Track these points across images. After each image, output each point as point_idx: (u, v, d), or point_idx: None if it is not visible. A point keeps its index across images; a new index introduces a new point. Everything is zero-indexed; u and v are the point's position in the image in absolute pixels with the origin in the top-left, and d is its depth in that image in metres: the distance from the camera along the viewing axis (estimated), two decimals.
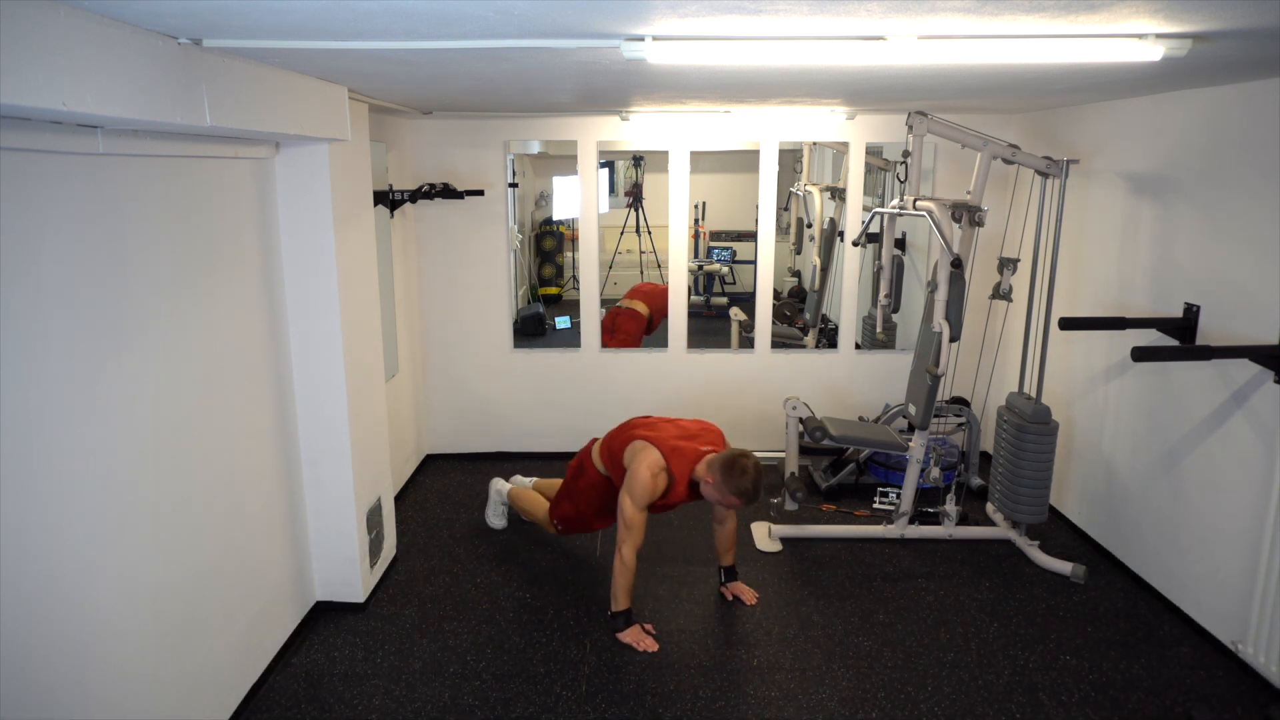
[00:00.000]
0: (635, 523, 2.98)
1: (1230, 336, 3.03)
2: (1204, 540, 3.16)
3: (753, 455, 2.88)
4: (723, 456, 2.89)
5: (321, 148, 2.92)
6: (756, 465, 2.85)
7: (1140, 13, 1.74)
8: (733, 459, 2.85)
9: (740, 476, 2.81)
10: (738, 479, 2.81)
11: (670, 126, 4.64)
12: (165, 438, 2.30)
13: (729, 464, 2.84)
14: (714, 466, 2.89)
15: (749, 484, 2.82)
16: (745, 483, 2.82)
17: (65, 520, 1.92)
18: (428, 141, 4.63)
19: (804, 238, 7.42)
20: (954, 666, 2.99)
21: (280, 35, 1.92)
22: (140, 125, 1.94)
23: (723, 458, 2.88)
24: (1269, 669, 2.82)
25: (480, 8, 1.64)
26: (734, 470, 2.82)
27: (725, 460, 2.86)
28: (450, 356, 4.94)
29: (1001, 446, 3.79)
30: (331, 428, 3.16)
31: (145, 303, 2.20)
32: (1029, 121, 4.49)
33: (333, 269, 3.02)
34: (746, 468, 2.82)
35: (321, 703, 2.79)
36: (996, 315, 4.40)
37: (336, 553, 3.29)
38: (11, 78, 1.40)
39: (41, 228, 1.82)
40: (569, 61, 2.40)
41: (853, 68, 2.57)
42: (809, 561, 3.77)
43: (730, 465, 2.84)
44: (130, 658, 2.17)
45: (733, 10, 1.68)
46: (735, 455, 2.86)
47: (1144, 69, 2.58)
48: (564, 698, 2.81)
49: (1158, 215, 3.44)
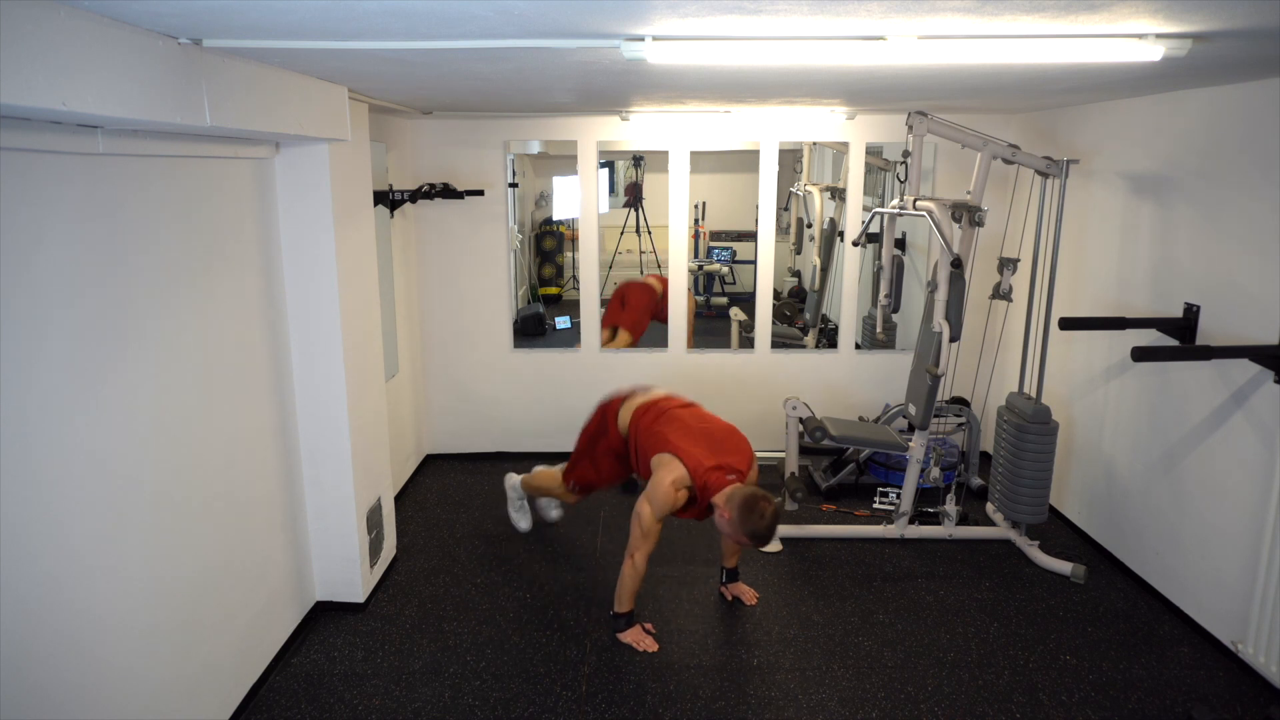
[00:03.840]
0: (653, 532, 2.97)
1: (1230, 336, 3.03)
2: (1204, 540, 3.16)
3: (773, 500, 2.81)
4: (743, 495, 2.81)
5: (321, 148, 2.92)
6: (775, 512, 2.79)
7: (1140, 13, 1.74)
8: (753, 502, 2.78)
9: (758, 521, 2.77)
10: (755, 523, 2.77)
11: (670, 126, 4.64)
12: (165, 437, 2.30)
13: (749, 506, 2.78)
14: (733, 502, 2.82)
15: (764, 529, 2.78)
16: (761, 527, 2.78)
17: (65, 520, 1.92)
18: (428, 141, 4.63)
19: (804, 238, 7.43)
20: (954, 666, 2.99)
21: (280, 35, 1.92)
22: (140, 125, 1.94)
23: (743, 497, 2.81)
24: (1269, 669, 2.82)
25: (480, 8, 1.64)
26: (753, 514, 2.77)
27: (745, 501, 2.79)
28: (450, 356, 4.94)
29: (1001, 446, 3.79)
30: (331, 428, 3.16)
31: (145, 303, 2.20)
32: (1029, 121, 4.49)
33: (333, 269, 3.02)
34: (765, 513, 2.76)
35: (321, 703, 2.79)
36: (996, 315, 4.40)
37: (336, 553, 3.30)
38: (11, 78, 1.40)
39: (41, 227, 1.82)
40: (569, 61, 2.40)
41: (853, 68, 2.57)
42: (809, 561, 3.77)
43: (750, 508, 2.78)
44: (130, 658, 2.17)
45: (732, 10, 1.68)
46: (756, 498, 2.79)
47: (1144, 69, 2.58)
48: (564, 698, 2.81)
49: (1158, 215, 3.44)
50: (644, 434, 3.18)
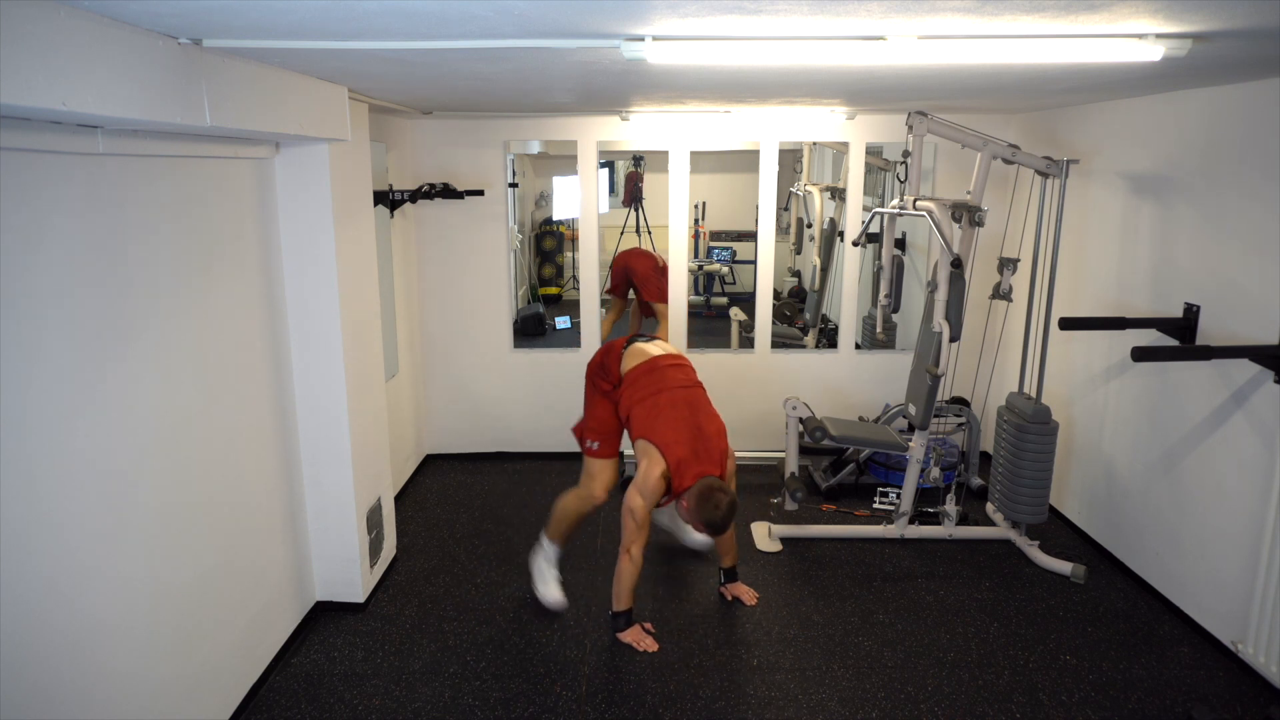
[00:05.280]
0: (646, 523, 3.01)
1: (1230, 336, 3.03)
2: (1204, 540, 3.15)
3: (730, 492, 2.92)
4: (700, 487, 2.91)
5: (321, 148, 2.92)
6: (730, 503, 2.89)
7: (1140, 13, 1.74)
8: (709, 492, 2.89)
9: (712, 511, 2.87)
10: (710, 512, 2.87)
11: (670, 126, 4.64)
12: (165, 438, 2.30)
13: (704, 495, 2.89)
14: (690, 493, 2.93)
15: (718, 519, 2.88)
16: (715, 517, 2.88)
17: (64, 520, 1.92)
18: (428, 141, 4.63)
19: (804, 238, 7.43)
20: (954, 666, 2.99)
21: (280, 35, 1.92)
22: (140, 125, 1.94)
23: (700, 488, 2.90)
24: (1269, 669, 2.82)
25: (480, 8, 1.64)
26: (707, 504, 2.88)
27: (701, 491, 2.90)
28: (450, 356, 4.94)
29: (1001, 446, 3.79)
30: (331, 428, 3.16)
31: (145, 302, 2.20)
32: (1029, 121, 4.49)
33: (333, 269, 3.02)
34: (720, 504, 2.87)
35: (321, 703, 2.79)
36: (996, 315, 4.40)
37: (336, 553, 3.30)
38: (11, 78, 1.40)
39: (42, 227, 1.82)
40: (569, 61, 2.40)
41: (853, 68, 2.57)
42: (809, 561, 3.77)
43: (705, 498, 2.88)
44: (130, 658, 2.17)
45: (732, 10, 1.68)
46: (712, 488, 2.89)
47: (1144, 69, 2.58)
48: (564, 698, 2.81)
49: (1158, 215, 3.44)
50: (637, 401, 3.10)
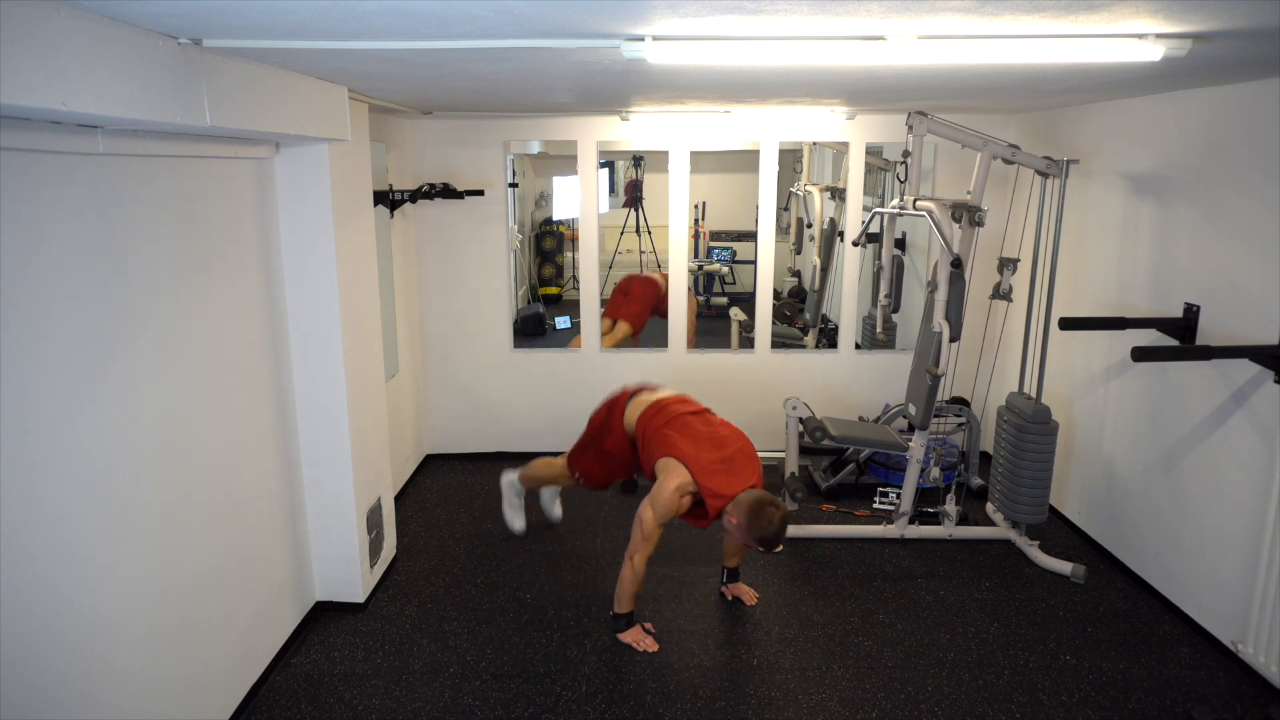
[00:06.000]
0: (653, 536, 2.98)
1: (1230, 336, 3.03)
2: (1204, 540, 3.15)
3: (782, 506, 2.84)
4: (751, 500, 2.83)
5: (321, 148, 2.92)
6: (784, 517, 2.82)
7: (1140, 13, 1.74)
8: (761, 506, 2.81)
9: (766, 526, 2.79)
10: (764, 528, 2.80)
11: (670, 126, 4.64)
12: (165, 437, 2.30)
13: (756, 511, 2.81)
14: (740, 507, 2.84)
15: (773, 534, 2.81)
16: (769, 532, 2.80)
17: (65, 520, 1.92)
18: (428, 141, 4.63)
19: (804, 238, 7.43)
20: (954, 666, 2.99)
21: (280, 35, 1.92)
22: (140, 125, 1.94)
23: (751, 501, 2.83)
24: (1269, 669, 2.82)
25: (480, 8, 1.64)
26: (760, 519, 2.80)
27: (753, 505, 2.82)
28: (450, 356, 4.94)
29: (1001, 446, 3.79)
30: (331, 428, 3.16)
31: (145, 302, 2.20)
32: (1029, 121, 4.49)
33: (333, 269, 3.02)
34: (773, 519, 2.79)
35: (321, 703, 2.79)
36: (996, 315, 4.40)
37: (336, 553, 3.29)
38: (11, 78, 1.40)
39: (42, 227, 1.83)
40: (569, 61, 2.40)
41: (853, 68, 2.57)
42: (809, 561, 3.77)
43: (758, 513, 2.80)
44: (130, 658, 2.17)
45: (732, 10, 1.68)
46: (764, 503, 2.82)
47: (1144, 69, 2.58)
48: (564, 698, 2.81)
49: (1158, 215, 3.44)
50: (651, 436, 3.16)
